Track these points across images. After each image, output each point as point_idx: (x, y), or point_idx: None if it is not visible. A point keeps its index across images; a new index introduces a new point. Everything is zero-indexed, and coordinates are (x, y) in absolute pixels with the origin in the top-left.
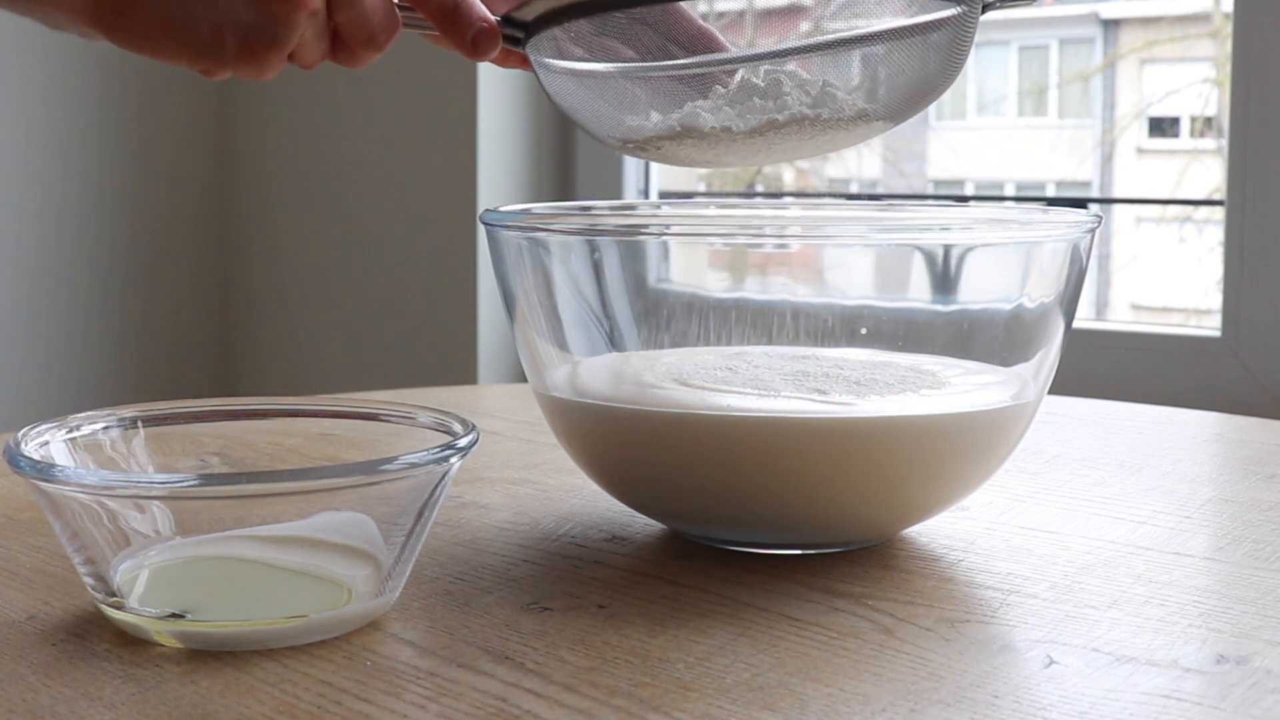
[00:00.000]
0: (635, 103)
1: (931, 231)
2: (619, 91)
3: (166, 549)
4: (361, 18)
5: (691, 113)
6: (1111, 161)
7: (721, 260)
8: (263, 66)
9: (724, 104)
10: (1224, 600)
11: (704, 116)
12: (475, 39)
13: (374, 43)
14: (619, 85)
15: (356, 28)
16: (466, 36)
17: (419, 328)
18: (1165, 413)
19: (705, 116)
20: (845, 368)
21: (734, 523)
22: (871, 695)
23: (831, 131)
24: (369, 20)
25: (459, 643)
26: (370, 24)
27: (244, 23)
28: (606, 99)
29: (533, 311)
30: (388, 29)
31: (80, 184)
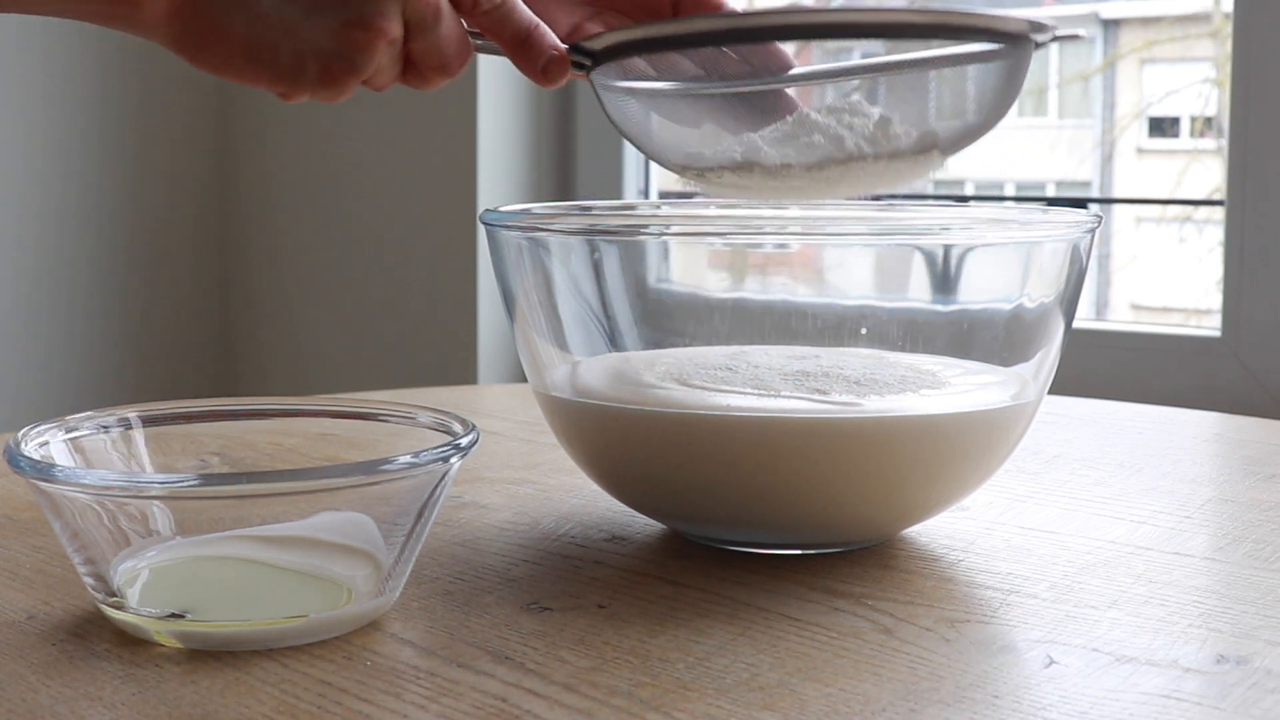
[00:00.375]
0: (697, 125)
1: (931, 231)
2: (680, 112)
3: (166, 549)
4: (436, 46)
5: (753, 144)
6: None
7: (721, 260)
8: (340, 91)
9: (783, 138)
10: (1224, 600)
11: (765, 150)
12: (545, 67)
13: (447, 69)
14: (680, 105)
15: (431, 55)
16: (537, 65)
17: (419, 328)
18: (1165, 413)
19: (766, 151)
20: (845, 368)
21: (734, 523)
22: (871, 695)
23: (890, 166)
24: (443, 48)
25: (459, 643)
26: (445, 52)
27: (325, 50)
28: (668, 120)
29: (533, 311)
30: (460, 56)
31: (80, 184)
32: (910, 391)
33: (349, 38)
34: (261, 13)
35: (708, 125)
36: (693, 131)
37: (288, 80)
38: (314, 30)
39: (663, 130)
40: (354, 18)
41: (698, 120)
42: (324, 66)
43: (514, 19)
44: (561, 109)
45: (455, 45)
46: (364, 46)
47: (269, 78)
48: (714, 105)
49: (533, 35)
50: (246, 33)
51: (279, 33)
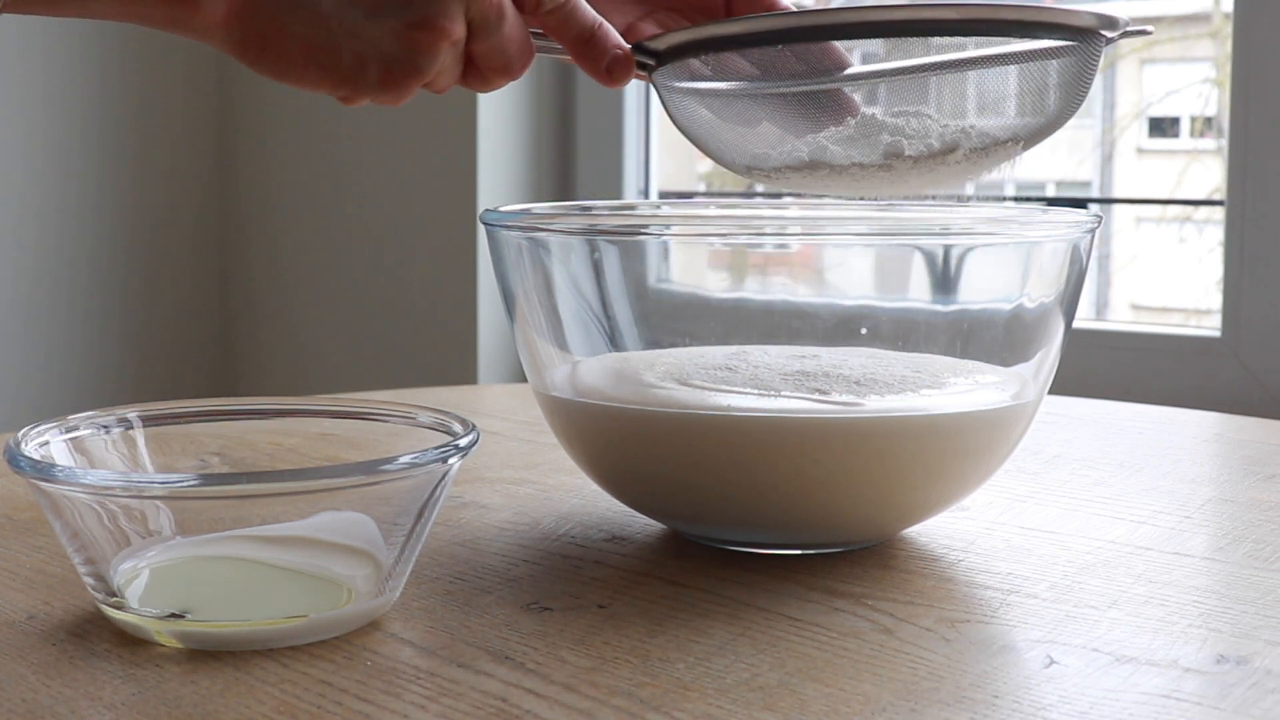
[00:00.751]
0: (760, 125)
1: (931, 231)
2: (743, 113)
3: (166, 549)
4: (500, 46)
5: (819, 146)
6: (1111, 161)
7: (721, 260)
8: (402, 94)
9: (848, 139)
10: (1224, 600)
11: (832, 150)
12: (610, 67)
13: (509, 70)
14: (743, 105)
15: (494, 56)
16: (601, 65)
17: (419, 328)
18: (1165, 413)
19: (833, 150)
20: (845, 368)
21: (734, 523)
22: (871, 695)
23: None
24: (506, 49)
25: (459, 643)
26: (508, 53)
27: (387, 53)
28: (731, 122)
29: (533, 311)
30: (523, 57)
31: (80, 184)
32: (910, 391)
33: (412, 39)
34: (322, 15)
35: (770, 126)
36: (757, 133)
37: (350, 83)
38: (376, 32)
39: (727, 132)
40: (417, 19)
41: (760, 121)
42: (386, 69)
43: (578, 18)
44: (561, 109)
45: (518, 46)
46: (427, 48)
47: (331, 81)
48: (776, 106)
49: (596, 35)
50: (307, 35)
51: (340, 35)
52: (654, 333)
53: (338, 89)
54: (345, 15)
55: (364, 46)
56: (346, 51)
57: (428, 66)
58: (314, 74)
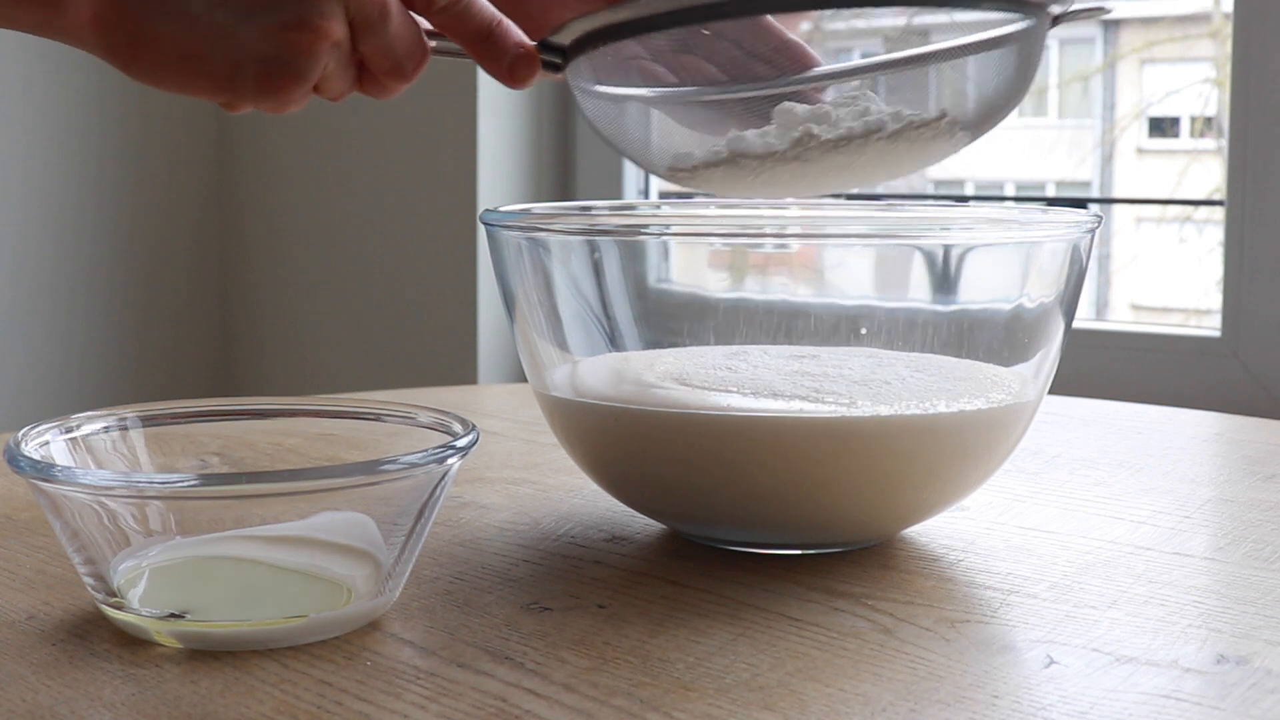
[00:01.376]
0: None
1: (931, 231)
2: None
3: (166, 549)
4: (387, 47)
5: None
6: (1111, 161)
7: (721, 260)
8: (284, 100)
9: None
10: (1224, 600)
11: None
12: (512, 66)
13: (400, 72)
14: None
15: (383, 57)
16: (503, 63)
17: (419, 328)
18: (1165, 413)
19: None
20: (845, 368)
21: (734, 523)
22: (871, 695)
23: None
24: (394, 49)
25: (459, 643)
26: (396, 53)
27: (263, 56)
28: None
29: (533, 311)
30: (414, 58)
31: (80, 184)
32: (910, 391)
33: (287, 41)
34: (192, 17)
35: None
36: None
37: (226, 89)
38: (250, 35)
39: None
40: (291, 19)
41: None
42: (263, 72)
43: (473, 15)
44: (561, 109)
45: (407, 45)
46: (305, 49)
47: (206, 87)
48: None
49: (495, 33)
50: (177, 39)
51: (212, 38)
52: (654, 333)
53: (215, 95)
54: (216, 17)
55: (238, 50)
56: (220, 56)
57: (308, 69)
58: (188, 80)
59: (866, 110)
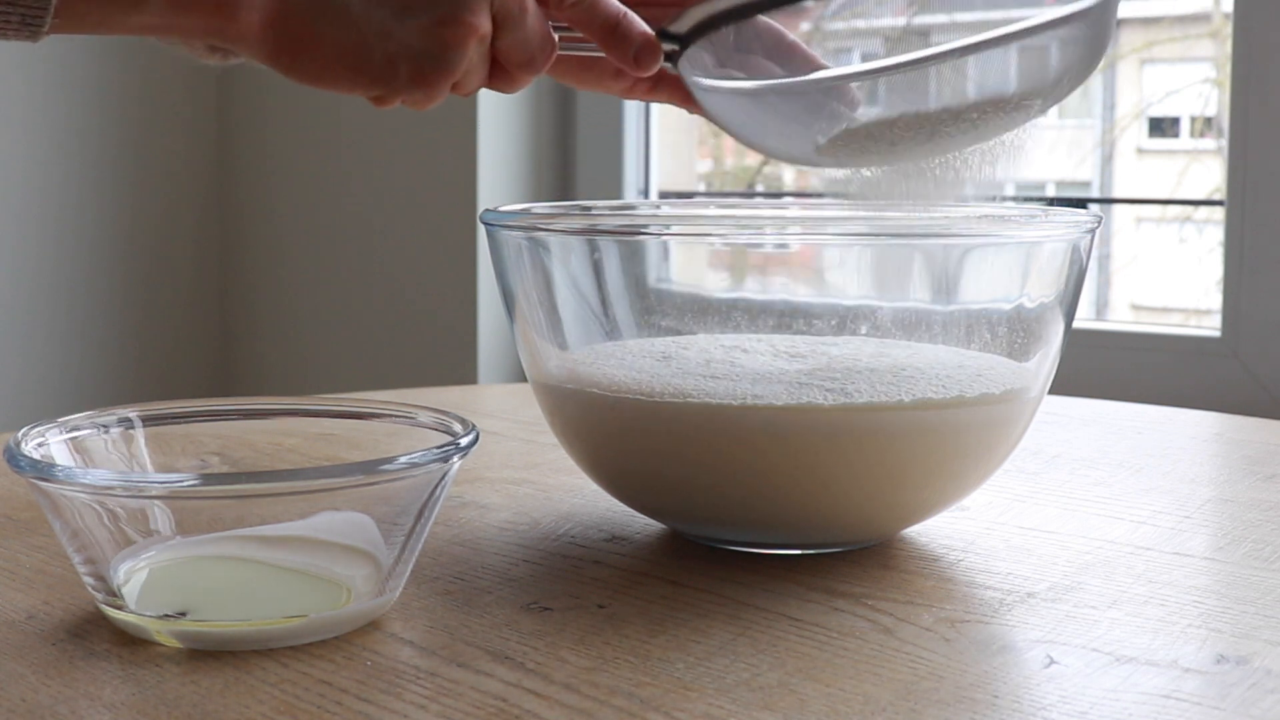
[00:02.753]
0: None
1: (931, 231)
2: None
3: (166, 549)
4: (523, 41)
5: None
6: (1111, 161)
7: (721, 260)
8: (432, 92)
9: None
10: (1224, 600)
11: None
12: (638, 54)
13: (533, 65)
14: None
15: (518, 51)
16: (629, 52)
17: (419, 328)
18: (1165, 413)
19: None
20: (846, 365)
21: (734, 522)
22: (871, 695)
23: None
24: (530, 43)
25: (459, 643)
26: (531, 46)
27: (417, 51)
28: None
29: (533, 311)
30: (545, 50)
31: (80, 184)
32: (910, 390)
33: (440, 36)
34: (353, 18)
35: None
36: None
37: (382, 83)
38: (406, 31)
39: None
40: (444, 16)
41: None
42: (417, 67)
43: (602, 8)
44: (561, 109)
45: (539, 39)
46: (455, 43)
47: (364, 82)
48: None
49: (623, 24)
50: (338, 39)
51: (371, 36)
52: (654, 332)
53: (371, 89)
54: (374, 16)
55: (394, 46)
56: (377, 52)
57: (457, 62)
58: (347, 76)
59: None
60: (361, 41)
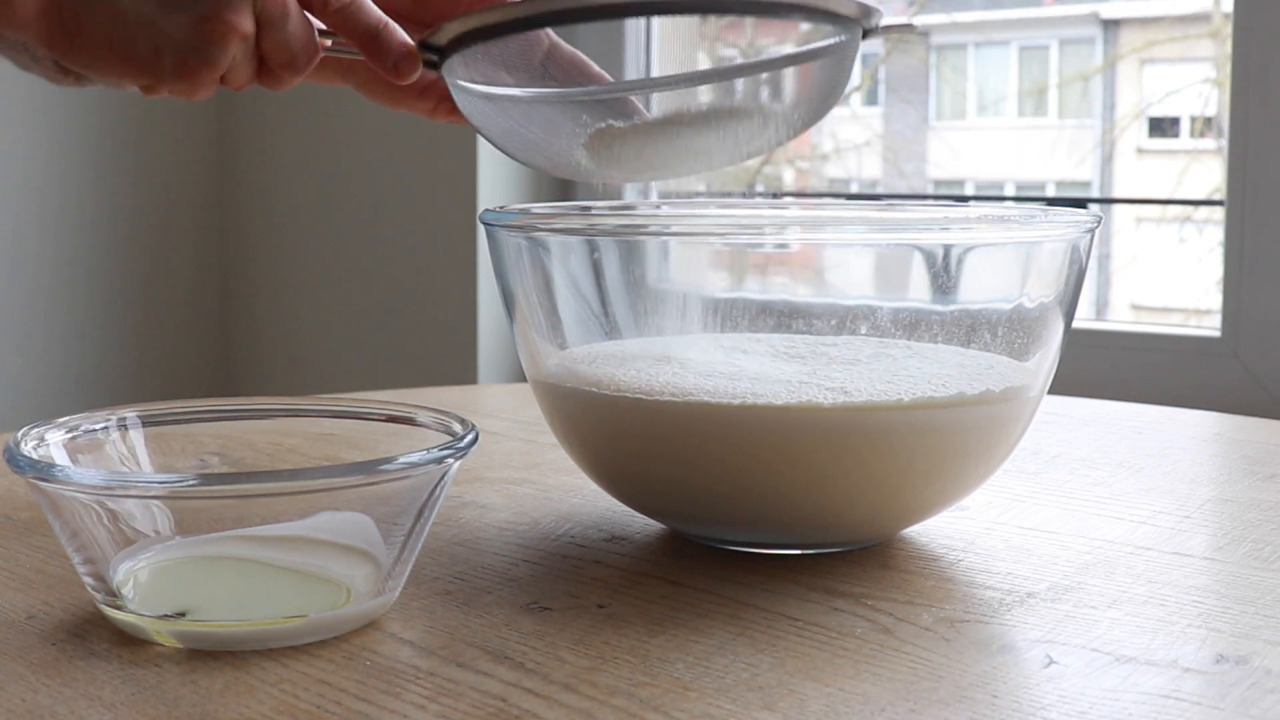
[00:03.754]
0: (551, 126)
1: (931, 231)
2: (533, 115)
3: (166, 549)
4: (285, 43)
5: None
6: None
7: (721, 260)
8: (196, 84)
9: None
10: (1224, 600)
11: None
12: (397, 62)
13: (294, 66)
14: (534, 109)
15: (281, 52)
16: (389, 60)
17: (419, 328)
18: (1165, 413)
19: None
20: (846, 365)
21: (734, 522)
22: (871, 695)
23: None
24: (292, 45)
25: (459, 643)
26: (293, 49)
27: (180, 43)
28: (522, 122)
29: (532, 311)
30: (307, 53)
31: (80, 184)
32: (911, 389)
33: (202, 32)
34: (121, 10)
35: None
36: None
37: (148, 73)
38: (170, 25)
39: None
40: (207, 12)
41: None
42: (180, 59)
43: (363, 16)
44: None
45: (302, 43)
46: (216, 40)
47: (132, 71)
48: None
49: (382, 33)
50: (106, 29)
51: (136, 28)
52: (654, 332)
53: (139, 78)
54: (142, 10)
55: (159, 39)
56: (143, 43)
57: (219, 58)
58: (115, 64)
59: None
60: (128, 33)
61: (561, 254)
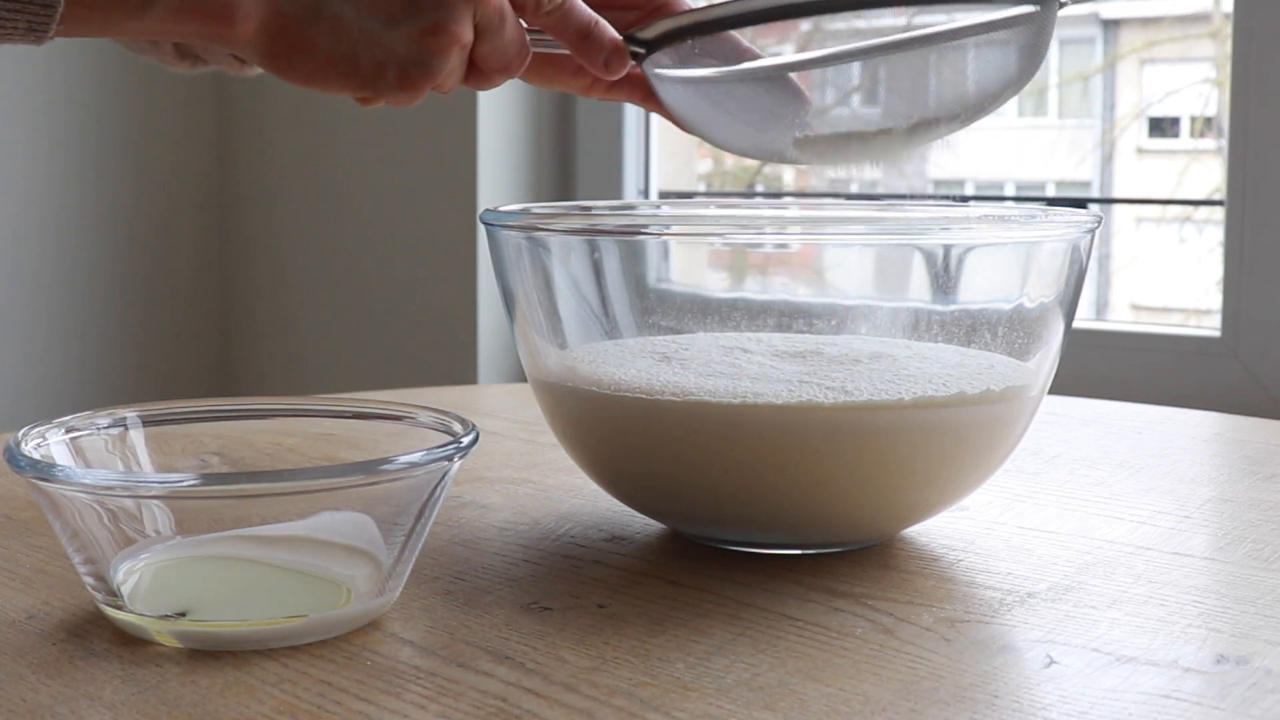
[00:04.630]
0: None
1: (931, 231)
2: (734, 97)
3: (166, 549)
4: (502, 49)
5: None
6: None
7: (721, 260)
8: (416, 94)
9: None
10: (1224, 600)
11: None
12: (608, 59)
13: (509, 70)
14: (732, 90)
15: (496, 58)
16: (600, 59)
17: (419, 328)
18: (1165, 413)
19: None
20: (846, 364)
21: (734, 522)
22: (871, 695)
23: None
24: (507, 50)
25: (459, 643)
26: (508, 54)
27: (404, 58)
28: (725, 107)
29: (533, 311)
30: (521, 56)
31: (80, 184)
32: (911, 389)
33: (425, 44)
34: (344, 26)
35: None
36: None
37: (370, 86)
38: (394, 39)
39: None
40: (430, 25)
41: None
42: (403, 72)
43: (575, 17)
44: (561, 109)
45: (517, 47)
46: (440, 51)
47: (353, 85)
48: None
49: (594, 31)
50: (330, 45)
51: (360, 43)
52: (653, 332)
53: (359, 91)
54: (364, 25)
55: (382, 53)
56: (366, 58)
57: (441, 69)
58: (337, 79)
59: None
60: (351, 48)
61: (561, 254)
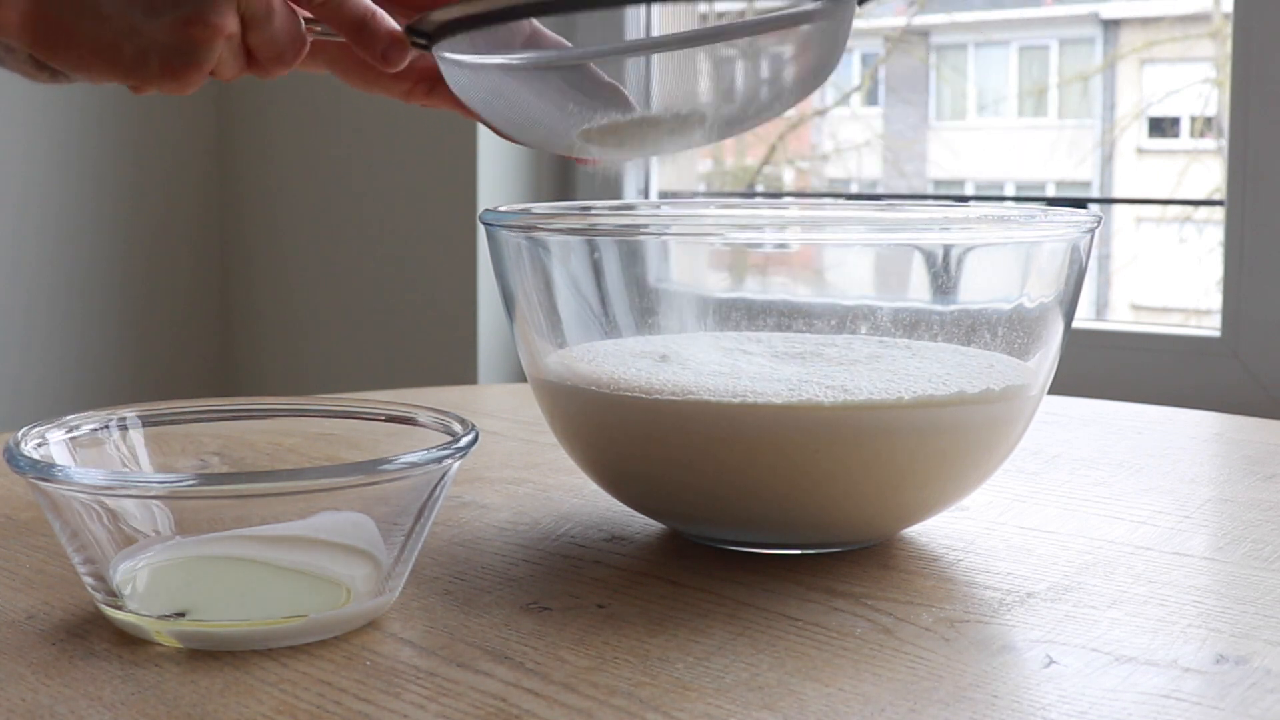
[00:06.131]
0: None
1: (931, 231)
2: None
3: (166, 549)
4: (272, 39)
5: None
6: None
7: (721, 260)
8: (184, 84)
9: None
10: (1224, 600)
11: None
12: (386, 50)
13: (283, 60)
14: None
15: (267, 47)
16: (378, 50)
17: (419, 328)
18: (1165, 413)
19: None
20: (846, 364)
21: (734, 522)
22: (871, 695)
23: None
24: (278, 41)
25: (459, 643)
26: (279, 43)
27: (166, 46)
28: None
29: (532, 311)
30: (294, 46)
31: (80, 183)
32: (911, 388)
33: (187, 34)
34: (105, 15)
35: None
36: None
37: (135, 75)
38: (155, 29)
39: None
40: (191, 15)
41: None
42: (166, 62)
43: (350, 6)
44: None
45: (289, 36)
46: (202, 41)
47: (119, 73)
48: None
49: (370, 22)
50: (93, 33)
51: (122, 33)
52: (654, 332)
53: (125, 79)
54: (126, 14)
55: (144, 42)
56: (128, 47)
57: (205, 59)
58: (101, 67)
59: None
60: (113, 37)
61: (561, 254)
